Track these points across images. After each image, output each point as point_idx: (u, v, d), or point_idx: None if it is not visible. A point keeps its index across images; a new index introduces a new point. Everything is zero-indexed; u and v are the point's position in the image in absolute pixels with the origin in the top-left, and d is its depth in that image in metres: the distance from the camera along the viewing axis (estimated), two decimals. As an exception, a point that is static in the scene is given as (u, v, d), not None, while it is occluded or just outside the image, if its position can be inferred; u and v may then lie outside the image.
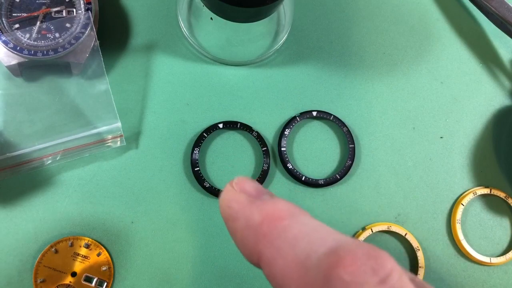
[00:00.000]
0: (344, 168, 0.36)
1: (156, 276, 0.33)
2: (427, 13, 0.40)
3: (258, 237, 0.15)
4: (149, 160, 0.34)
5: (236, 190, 0.17)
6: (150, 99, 0.35)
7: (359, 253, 0.13)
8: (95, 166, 0.34)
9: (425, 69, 0.39)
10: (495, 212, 0.37)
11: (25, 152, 0.32)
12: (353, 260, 0.12)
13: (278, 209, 0.15)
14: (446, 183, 0.37)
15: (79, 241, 0.32)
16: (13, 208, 0.33)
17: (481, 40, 0.40)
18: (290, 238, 0.14)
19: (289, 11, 0.37)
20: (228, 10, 0.30)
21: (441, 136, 0.38)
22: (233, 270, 0.34)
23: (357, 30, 0.39)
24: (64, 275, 0.32)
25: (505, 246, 0.37)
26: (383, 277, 0.12)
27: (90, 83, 0.34)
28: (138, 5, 0.37)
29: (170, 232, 0.34)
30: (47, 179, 0.33)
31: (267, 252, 0.14)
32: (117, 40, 0.36)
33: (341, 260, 0.12)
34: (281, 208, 0.15)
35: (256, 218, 0.15)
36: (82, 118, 0.33)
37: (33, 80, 0.34)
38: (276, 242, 0.14)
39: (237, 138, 0.36)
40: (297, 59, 0.38)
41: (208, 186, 0.34)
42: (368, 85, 0.38)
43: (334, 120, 0.36)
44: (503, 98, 0.39)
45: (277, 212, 0.15)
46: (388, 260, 0.13)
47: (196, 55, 0.37)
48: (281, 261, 0.14)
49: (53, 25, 0.33)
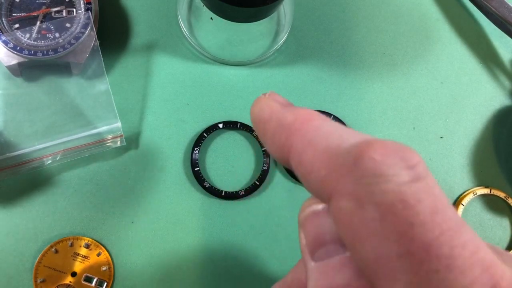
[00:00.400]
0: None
1: (156, 276, 0.33)
2: (427, 13, 0.40)
3: (290, 132, 0.15)
4: (149, 160, 0.34)
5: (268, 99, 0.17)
6: (150, 99, 0.35)
7: (389, 143, 0.13)
8: (95, 166, 0.34)
9: (425, 69, 0.39)
10: (495, 212, 0.37)
11: (25, 152, 0.32)
12: (384, 146, 0.13)
13: (311, 112, 0.16)
14: (446, 183, 0.37)
15: (79, 241, 0.32)
16: (13, 208, 0.33)
17: (481, 40, 0.40)
18: (322, 132, 0.15)
19: (289, 11, 0.37)
20: (228, 10, 0.30)
21: (441, 136, 0.38)
22: (233, 270, 0.34)
23: (357, 30, 0.39)
24: (64, 275, 0.32)
25: (505, 246, 0.37)
26: (411, 164, 0.13)
27: (90, 83, 0.34)
28: (138, 5, 0.37)
29: (170, 232, 0.34)
30: (47, 179, 0.33)
31: (298, 144, 0.15)
32: (117, 40, 0.36)
33: (371, 145, 0.13)
34: (314, 112, 0.16)
35: (289, 119, 0.15)
36: (82, 118, 0.33)
37: (33, 80, 0.34)
38: (307, 135, 0.15)
39: (237, 138, 0.36)
40: (297, 59, 0.38)
41: (208, 186, 0.34)
42: (368, 85, 0.38)
43: (334, 120, 0.36)
44: (503, 98, 0.39)
45: (309, 114, 0.15)
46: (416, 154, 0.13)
47: (196, 55, 0.37)
48: (312, 150, 0.14)
49: (53, 25, 0.33)
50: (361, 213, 0.13)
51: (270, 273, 0.34)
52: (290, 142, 0.15)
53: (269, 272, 0.34)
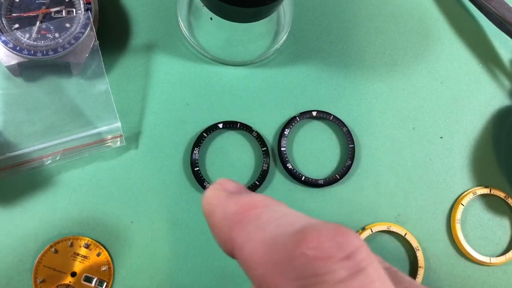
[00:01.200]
0: (344, 168, 0.36)
1: (156, 276, 0.33)
2: (427, 13, 0.40)
3: (232, 225, 0.15)
4: (149, 160, 0.34)
5: (217, 189, 0.17)
6: (150, 99, 0.35)
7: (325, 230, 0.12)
8: (95, 166, 0.34)
9: (425, 69, 0.39)
10: (495, 212, 0.37)
11: (25, 152, 0.32)
12: (318, 236, 0.12)
13: (253, 199, 0.15)
14: (446, 183, 0.37)
15: (79, 241, 0.32)
16: (13, 208, 0.33)
17: (481, 40, 0.40)
18: (260, 223, 0.14)
19: (289, 11, 0.37)
20: (228, 10, 0.30)
21: (441, 136, 0.38)
22: (233, 270, 0.34)
23: (357, 30, 0.39)
24: (64, 275, 0.32)
25: (505, 246, 0.37)
26: (349, 252, 0.12)
27: (90, 83, 0.34)
28: (138, 5, 0.37)
29: (170, 232, 0.34)
30: (47, 179, 0.33)
31: (239, 238, 0.14)
32: (117, 40, 0.36)
33: (305, 237, 0.12)
34: (256, 199, 0.15)
35: (232, 209, 0.15)
36: (82, 118, 0.33)
37: (33, 80, 0.34)
38: (247, 227, 0.14)
39: (237, 138, 0.36)
40: (297, 59, 0.38)
41: (208, 186, 0.34)
42: (368, 85, 0.38)
43: (334, 120, 0.36)
44: (503, 98, 0.39)
45: (252, 202, 0.15)
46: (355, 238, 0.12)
47: (196, 55, 0.37)
48: (251, 243, 0.14)
49: (53, 25, 0.33)
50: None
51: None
52: (232, 235, 0.15)
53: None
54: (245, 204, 0.15)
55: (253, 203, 0.15)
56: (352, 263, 0.12)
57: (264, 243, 0.13)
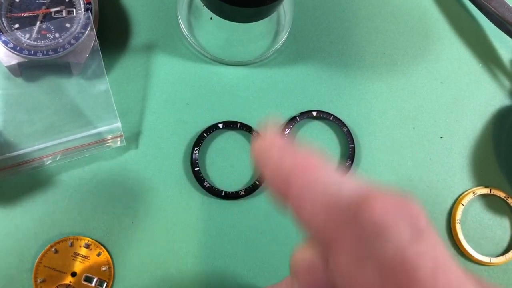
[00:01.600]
0: (344, 168, 0.36)
1: (156, 276, 0.33)
2: (427, 13, 0.40)
3: (288, 184, 0.15)
4: (149, 160, 0.34)
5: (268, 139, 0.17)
6: (150, 99, 0.35)
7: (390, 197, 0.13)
8: (95, 166, 0.34)
9: (425, 69, 0.39)
10: (495, 212, 0.37)
11: (25, 152, 0.32)
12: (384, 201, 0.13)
13: (309, 157, 0.16)
14: (446, 183, 0.37)
15: (79, 241, 0.32)
16: (13, 208, 0.33)
17: (481, 40, 0.40)
18: (320, 179, 0.15)
19: (289, 11, 0.37)
20: (228, 10, 0.30)
21: (441, 136, 0.38)
22: (233, 270, 0.34)
23: (357, 30, 0.39)
24: (64, 275, 0.32)
25: (505, 246, 0.37)
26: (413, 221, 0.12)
27: (90, 83, 0.34)
28: (138, 5, 0.37)
29: (170, 232, 0.34)
30: (47, 179, 0.33)
31: (295, 200, 0.15)
32: (117, 40, 0.36)
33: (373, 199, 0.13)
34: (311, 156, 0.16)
35: (286, 166, 0.15)
36: (82, 118, 0.33)
37: (33, 80, 0.34)
38: (306, 181, 0.15)
39: (237, 138, 0.36)
40: (297, 59, 0.38)
41: (208, 186, 0.34)
42: (368, 85, 0.38)
43: (334, 120, 0.36)
44: (503, 98, 0.39)
45: (308, 159, 0.15)
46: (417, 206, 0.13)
47: (196, 55, 0.37)
48: (311, 197, 0.14)
49: (53, 25, 0.33)
50: (361, 269, 0.12)
51: (270, 272, 0.34)
52: (288, 195, 0.15)
53: (269, 271, 0.34)
54: (300, 163, 0.15)
55: (309, 160, 0.15)
56: (416, 229, 0.12)
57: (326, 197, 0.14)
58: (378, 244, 0.12)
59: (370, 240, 0.12)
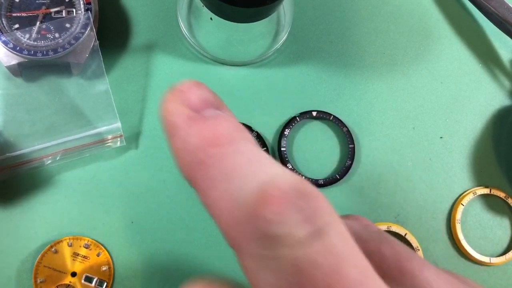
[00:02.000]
0: (344, 168, 0.36)
1: (156, 276, 0.33)
2: (427, 13, 0.40)
3: (193, 163, 0.14)
4: (149, 160, 0.34)
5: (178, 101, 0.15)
6: (150, 99, 0.35)
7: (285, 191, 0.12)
8: (95, 166, 0.34)
9: (425, 69, 0.39)
10: (495, 212, 0.37)
11: (25, 152, 0.32)
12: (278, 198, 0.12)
13: (218, 132, 0.14)
14: (446, 183, 0.37)
15: (79, 241, 0.32)
16: (13, 208, 0.33)
17: (481, 40, 0.40)
18: (224, 169, 0.13)
19: (289, 11, 0.37)
20: (228, 10, 0.30)
21: (441, 136, 0.38)
22: (233, 270, 0.34)
23: (357, 30, 0.39)
24: (64, 275, 0.32)
25: (505, 246, 0.37)
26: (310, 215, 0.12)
27: (90, 83, 0.34)
28: (138, 5, 0.37)
29: (170, 232, 0.34)
30: (47, 179, 0.33)
31: (202, 182, 0.13)
32: (117, 40, 0.36)
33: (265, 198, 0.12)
34: (221, 132, 0.14)
35: (193, 141, 0.14)
36: (82, 118, 0.33)
37: (33, 80, 0.34)
38: (210, 171, 0.13)
39: (237, 138, 0.36)
40: (297, 59, 0.38)
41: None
42: (368, 85, 0.38)
43: (334, 120, 0.36)
44: (503, 98, 0.39)
45: (215, 137, 0.14)
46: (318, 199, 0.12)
47: (196, 55, 0.37)
48: (214, 192, 0.13)
49: (53, 25, 0.33)
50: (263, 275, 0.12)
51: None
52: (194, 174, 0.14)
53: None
54: (207, 137, 0.14)
55: (217, 138, 0.14)
56: (313, 226, 0.11)
57: (228, 195, 0.13)
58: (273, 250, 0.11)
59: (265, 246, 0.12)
